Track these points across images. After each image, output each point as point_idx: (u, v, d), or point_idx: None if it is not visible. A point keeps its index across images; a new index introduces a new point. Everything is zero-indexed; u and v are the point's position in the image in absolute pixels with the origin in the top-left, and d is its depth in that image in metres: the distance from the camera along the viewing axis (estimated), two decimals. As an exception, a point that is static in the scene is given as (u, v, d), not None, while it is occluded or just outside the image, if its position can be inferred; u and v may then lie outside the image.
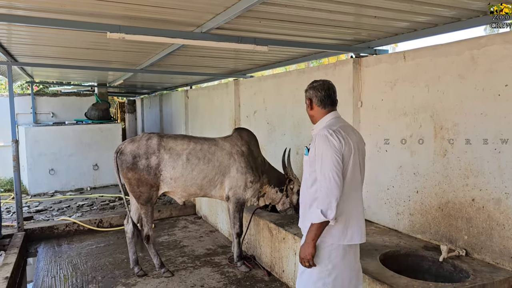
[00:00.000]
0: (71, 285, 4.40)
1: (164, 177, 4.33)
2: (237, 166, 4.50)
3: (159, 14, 3.51)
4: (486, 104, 3.26)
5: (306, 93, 2.72)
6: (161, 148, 4.33)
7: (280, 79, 6.26)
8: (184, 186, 4.39)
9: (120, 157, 4.30)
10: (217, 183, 4.52)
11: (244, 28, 3.96)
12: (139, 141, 4.37)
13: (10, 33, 4.55)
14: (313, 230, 2.45)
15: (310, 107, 2.69)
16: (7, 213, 7.06)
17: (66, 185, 9.11)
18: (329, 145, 2.42)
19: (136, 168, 4.24)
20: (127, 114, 17.20)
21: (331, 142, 2.43)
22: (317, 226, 2.43)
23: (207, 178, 4.44)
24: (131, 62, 6.65)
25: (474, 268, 3.17)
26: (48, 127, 9.34)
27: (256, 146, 4.79)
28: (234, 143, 4.61)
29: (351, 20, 3.69)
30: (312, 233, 2.45)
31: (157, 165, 4.28)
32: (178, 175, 4.33)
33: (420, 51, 3.87)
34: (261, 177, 4.65)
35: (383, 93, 4.25)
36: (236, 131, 4.83)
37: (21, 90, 18.39)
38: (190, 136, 4.66)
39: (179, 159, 4.34)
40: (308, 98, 2.69)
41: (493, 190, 3.23)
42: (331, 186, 2.38)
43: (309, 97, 2.69)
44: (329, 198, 2.37)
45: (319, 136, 2.48)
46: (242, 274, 4.55)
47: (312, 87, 2.70)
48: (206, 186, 4.48)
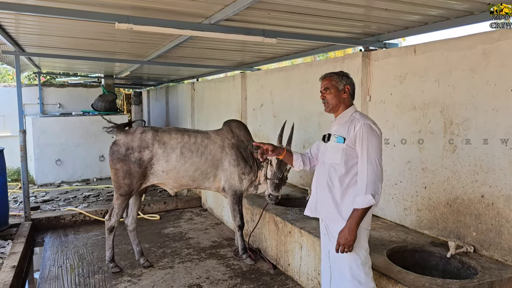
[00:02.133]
0: (77, 275, 4.43)
1: (155, 170, 4.32)
2: (229, 159, 4.51)
3: (168, 4, 3.48)
4: (498, 100, 3.22)
5: (342, 79, 2.74)
6: (155, 143, 4.31)
7: (287, 72, 6.23)
8: (176, 178, 4.39)
9: (113, 147, 4.28)
10: (210, 176, 4.52)
11: (253, 20, 3.92)
12: (133, 134, 4.35)
13: (18, 22, 4.54)
14: (359, 215, 2.54)
15: (346, 93, 2.73)
16: (14, 203, 7.11)
17: (72, 175, 9.15)
18: (374, 134, 2.59)
19: (127, 160, 4.22)
20: (133, 106, 17.25)
21: (375, 131, 2.60)
22: (363, 210, 2.54)
23: (199, 171, 4.44)
24: (138, 53, 6.63)
25: (482, 265, 3.14)
26: (55, 117, 9.38)
27: (246, 135, 4.74)
28: (225, 136, 4.61)
29: (361, 12, 3.63)
30: (358, 218, 2.55)
31: (150, 159, 4.27)
32: (171, 167, 4.33)
33: (431, 45, 3.81)
34: (253, 166, 4.62)
35: (392, 87, 4.20)
36: (225, 124, 4.81)
37: (28, 80, 18.49)
38: (183, 129, 4.65)
39: (173, 152, 4.33)
40: (346, 85, 2.73)
41: (503, 187, 3.20)
42: (378, 171, 2.55)
43: (347, 84, 2.74)
44: (376, 183, 2.53)
45: (364, 125, 2.58)
46: (247, 267, 4.56)
47: (347, 76, 2.78)
48: (199, 178, 4.48)
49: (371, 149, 2.55)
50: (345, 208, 2.63)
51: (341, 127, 2.71)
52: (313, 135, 5.58)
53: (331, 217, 2.72)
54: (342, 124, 2.72)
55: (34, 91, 10.92)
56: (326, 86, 2.75)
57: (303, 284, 4.05)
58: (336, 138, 2.68)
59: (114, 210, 4.37)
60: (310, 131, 5.62)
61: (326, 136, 2.80)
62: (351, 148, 2.61)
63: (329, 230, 2.76)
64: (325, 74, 2.82)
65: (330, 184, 2.70)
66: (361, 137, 2.57)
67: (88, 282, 4.24)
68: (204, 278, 4.30)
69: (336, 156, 2.66)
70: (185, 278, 4.29)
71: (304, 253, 4.03)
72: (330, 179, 2.70)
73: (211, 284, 4.16)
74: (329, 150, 2.73)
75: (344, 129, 2.67)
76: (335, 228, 2.67)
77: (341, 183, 2.65)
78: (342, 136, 2.65)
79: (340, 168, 2.65)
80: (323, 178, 2.75)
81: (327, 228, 2.78)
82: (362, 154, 2.56)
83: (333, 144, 2.69)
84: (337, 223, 2.66)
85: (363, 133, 2.57)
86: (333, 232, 2.70)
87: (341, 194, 2.66)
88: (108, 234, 4.42)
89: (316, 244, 3.81)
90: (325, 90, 2.76)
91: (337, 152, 2.66)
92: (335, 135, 2.70)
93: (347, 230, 2.55)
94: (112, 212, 4.38)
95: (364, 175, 2.54)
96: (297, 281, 4.16)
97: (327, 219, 2.76)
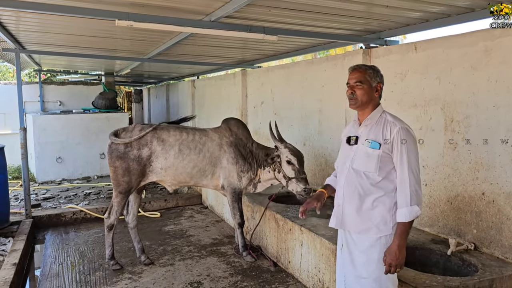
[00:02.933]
0: (78, 272, 4.44)
1: (154, 167, 4.33)
2: (227, 157, 4.50)
3: (168, 1, 3.48)
4: (499, 97, 3.20)
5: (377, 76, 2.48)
6: (154, 140, 4.31)
7: (288, 69, 6.21)
8: (174, 175, 4.40)
9: (111, 145, 4.28)
10: (208, 173, 4.52)
11: (253, 17, 3.91)
12: (132, 131, 4.35)
13: (18, 20, 4.53)
14: (407, 229, 2.33)
15: (378, 92, 2.48)
16: (15, 200, 7.12)
17: (73, 173, 9.17)
18: (413, 140, 2.38)
19: (126, 158, 4.22)
20: (134, 104, 17.24)
21: (412, 135, 2.38)
22: (410, 224, 2.33)
23: (197, 168, 4.44)
24: (139, 51, 6.63)
25: (482, 262, 3.14)
26: (56, 115, 9.39)
27: (245, 134, 4.72)
28: (223, 134, 4.60)
29: (362, 9, 3.62)
30: (406, 233, 2.33)
31: (149, 156, 4.28)
32: (169, 164, 4.34)
33: (432, 42, 3.80)
34: (252, 164, 4.61)
35: (393, 84, 4.19)
36: (224, 122, 4.79)
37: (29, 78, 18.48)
38: (182, 126, 4.66)
39: (171, 149, 4.33)
40: (379, 83, 2.48)
41: (504, 184, 3.19)
42: (419, 180, 2.35)
43: (381, 82, 2.49)
44: (418, 192, 2.33)
45: (401, 129, 2.35)
46: (248, 264, 4.56)
47: (381, 73, 2.52)
48: (197, 176, 4.48)
49: (411, 156, 2.32)
50: (379, 217, 2.41)
51: (372, 130, 2.43)
52: (313, 132, 5.58)
53: (361, 228, 2.45)
54: (371, 126, 2.45)
55: (35, 88, 10.93)
56: (358, 80, 2.44)
57: (304, 281, 4.06)
58: (370, 143, 2.40)
59: (113, 208, 4.37)
60: (311, 128, 5.62)
61: (352, 138, 2.51)
62: (387, 154, 2.37)
63: (353, 243, 2.50)
64: (357, 66, 2.54)
65: (362, 193, 2.43)
66: (400, 143, 2.33)
67: (89, 279, 4.25)
68: (204, 276, 4.30)
69: (370, 163, 2.40)
70: (185, 276, 4.30)
71: (304, 251, 4.03)
72: (362, 187, 2.43)
73: (211, 281, 4.17)
74: (360, 155, 2.45)
75: (376, 133, 2.40)
76: (363, 241, 2.45)
77: (375, 192, 2.41)
78: (377, 141, 2.38)
79: (374, 175, 2.40)
80: (354, 186, 2.46)
81: (351, 240, 2.51)
82: (402, 161, 2.33)
83: (365, 150, 2.42)
84: (370, 233, 2.43)
85: (402, 138, 2.33)
86: (360, 245, 2.46)
87: (375, 204, 2.42)
88: (107, 232, 4.43)
89: (316, 242, 3.81)
90: (356, 84, 2.44)
91: (371, 158, 2.40)
92: (368, 139, 2.42)
93: (396, 248, 2.29)
94: (111, 210, 4.39)
95: (406, 185, 2.31)
96: (298, 278, 4.17)
97: (355, 230, 2.48)
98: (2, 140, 8.76)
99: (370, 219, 2.42)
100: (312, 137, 5.60)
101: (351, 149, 2.51)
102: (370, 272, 2.41)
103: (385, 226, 2.41)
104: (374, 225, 2.41)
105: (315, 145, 5.55)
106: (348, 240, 2.54)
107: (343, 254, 2.58)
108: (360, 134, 2.48)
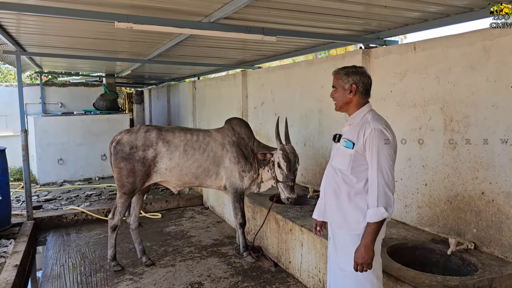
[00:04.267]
0: (80, 274, 4.45)
1: (158, 168, 4.35)
2: (230, 156, 4.52)
3: (167, 3, 3.49)
4: (498, 96, 3.21)
5: (348, 77, 2.50)
6: (159, 141, 4.34)
7: (288, 70, 6.22)
8: (179, 176, 4.42)
9: (116, 146, 4.30)
10: (212, 174, 4.54)
11: (252, 18, 3.93)
12: (137, 132, 4.38)
13: (19, 22, 4.56)
14: (374, 230, 2.35)
15: (352, 93, 2.49)
16: (17, 202, 7.14)
17: (74, 174, 9.18)
18: (384, 140, 2.36)
19: (131, 159, 4.25)
20: (135, 105, 17.26)
21: (387, 137, 2.37)
22: (378, 225, 2.35)
23: (202, 168, 4.46)
24: (139, 52, 6.64)
25: (482, 262, 3.14)
26: (57, 117, 9.40)
27: (247, 133, 4.74)
28: (226, 134, 4.63)
29: (361, 10, 3.63)
30: (374, 234, 2.35)
31: (153, 158, 4.31)
32: (174, 165, 4.36)
33: (431, 42, 3.81)
34: (253, 163, 4.63)
35: (393, 84, 4.20)
36: (227, 123, 4.81)
37: (30, 80, 18.54)
38: (186, 128, 4.71)
39: (176, 150, 4.36)
40: (352, 84, 2.48)
41: (504, 184, 3.19)
42: (389, 182, 2.34)
43: (355, 82, 2.48)
44: (388, 194, 2.33)
45: (374, 130, 2.36)
46: (248, 265, 4.57)
47: (357, 72, 2.52)
48: (202, 176, 4.50)
49: (381, 157, 2.33)
50: (352, 216, 2.46)
51: (351, 130, 2.49)
52: (313, 132, 5.58)
53: (338, 223, 2.55)
54: (352, 126, 2.50)
55: (36, 90, 10.96)
56: (333, 85, 2.56)
57: (304, 281, 4.07)
58: (345, 142, 2.47)
59: (117, 209, 4.39)
60: (311, 128, 5.62)
61: (336, 136, 2.60)
62: (360, 154, 2.41)
63: (335, 236, 2.60)
64: (335, 71, 2.60)
65: (337, 190, 2.52)
66: (371, 143, 2.35)
67: (90, 281, 4.26)
68: (205, 276, 4.31)
69: (344, 162, 2.47)
70: (186, 276, 4.31)
71: (305, 251, 4.04)
72: (337, 184, 2.52)
73: (212, 282, 4.17)
74: (337, 153, 2.55)
75: (354, 132, 2.45)
76: (342, 235, 2.54)
77: (347, 190, 2.47)
78: (351, 141, 2.44)
79: (347, 173, 2.47)
80: (330, 183, 2.57)
81: (334, 234, 2.62)
82: (372, 162, 2.36)
83: (342, 148, 2.50)
84: (343, 229, 2.52)
85: (373, 139, 2.35)
86: (340, 239, 2.56)
87: (348, 201, 2.47)
88: (111, 232, 4.44)
89: (316, 242, 3.82)
90: (333, 88, 2.57)
91: (345, 157, 2.46)
92: (345, 138, 2.49)
93: (363, 248, 2.34)
94: (115, 210, 4.41)
95: (374, 187, 2.34)
96: (298, 278, 4.17)
97: (334, 225, 2.60)
98: (4, 142, 8.82)
99: (344, 216, 2.51)
100: (313, 137, 5.60)
101: (335, 146, 2.63)
102: (349, 265, 2.44)
103: (357, 225, 2.46)
104: (347, 222, 2.49)
105: (316, 145, 5.55)
106: (333, 232, 2.64)
107: (330, 245, 2.69)
108: (343, 132, 2.57)
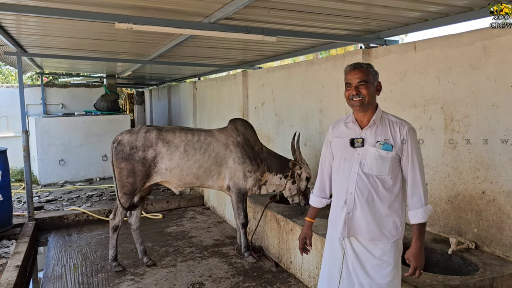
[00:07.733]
0: (81, 274, 4.46)
1: (159, 169, 4.35)
2: (234, 156, 4.52)
3: (167, 4, 3.49)
4: (498, 96, 3.21)
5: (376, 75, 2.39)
6: (159, 142, 4.34)
7: (289, 70, 6.22)
8: (180, 176, 4.42)
9: (117, 147, 4.31)
10: (214, 174, 4.54)
11: (252, 18, 3.93)
12: (138, 133, 4.38)
13: (19, 23, 4.56)
14: (424, 230, 2.33)
15: (378, 91, 2.41)
16: (18, 203, 7.16)
17: (75, 175, 9.19)
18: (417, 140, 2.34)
19: (131, 159, 4.25)
20: (135, 106, 17.28)
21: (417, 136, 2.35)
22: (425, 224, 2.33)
23: (203, 168, 4.46)
24: (140, 53, 6.65)
25: (483, 261, 3.14)
26: (58, 118, 9.41)
27: (253, 135, 4.77)
28: (229, 134, 4.64)
29: (361, 9, 3.63)
30: (424, 234, 2.33)
31: (154, 158, 4.31)
32: (175, 165, 4.36)
33: (431, 42, 3.81)
34: (260, 165, 4.64)
35: (393, 84, 4.20)
36: (230, 123, 4.82)
37: (31, 81, 18.56)
38: (187, 128, 4.70)
39: (176, 150, 4.36)
40: (378, 82, 2.40)
41: (504, 183, 3.19)
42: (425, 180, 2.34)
43: (379, 81, 2.42)
44: (427, 192, 2.33)
45: (410, 129, 2.31)
46: (249, 265, 4.57)
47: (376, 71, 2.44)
48: (203, 176, 4.50)
49: (419, 156, 2.31)
50: (391, 223, 2.34)
51: (378, 132, 2.33)
52: (314, 133, 5.58)
53: (370, 236, 2.35)
54: (377, 127, 2.34)
55: (37, 91, 10.98)
56: (363, 79, 2.31)
57: (305, 281, 4.07)
58: (382, 145, 2.29)
59: (118, 209, 4.40)
60: (312, 129, 5.62)
61: (358, 140, 2.36)
62: (397, 156, 2.31)
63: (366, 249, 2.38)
64: (358, 64, 2.39)
65: (376, 198, 2.32)
66: (410, 143, 2.28)
67: (92, 281, 4.27)
68: (206, 276, 4.31)
69: (383, 166, 2.30)
70: (187, 277, 4.31)
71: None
72: (376, 192, 2.32)
73: (213, 282, 4.18)
74: (371, 158, 2.31)
75: (384, 134, 2.31)
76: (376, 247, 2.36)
77: (388, 197, 2.33)
78: (389, 143, 2.29)
79: (387, 179, 2.31)
80: (365, 193, 2.33)
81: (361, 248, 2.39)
82: (413, 162, 2.28)
83: (378, 152, 2.30)
84: (379, 240, 2.35)
85: (411, 138, 2.28)
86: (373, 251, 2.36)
87: (388, 209, 2.33)
88: (112, 233, 4.45)
89: (317, 242, 3.82)
90: (361, 83, 2.31)
91: (384, 161, 2.29)
92: (380, 141, 2.30)
93: (419, 250, 2.27)
94: (116, 211, 4.41)
95: (419, 186, 2.27)
96: (299, 278, 4.17)
97: (367, 237, 2.36)
98: (5, 143, 8.84)
99: (383, 225, 2.34)
100: (313, 137, 5.60)
101: (356, 152, 2.36)
102: (385, 276, 2.34)
103: (396, 231, 2.36)
104: (387, 231, 2.35)
105: (316, 145, 5.55)
106: (355, 248, 2.41)
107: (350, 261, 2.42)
108: (365, 136, 2.35)
